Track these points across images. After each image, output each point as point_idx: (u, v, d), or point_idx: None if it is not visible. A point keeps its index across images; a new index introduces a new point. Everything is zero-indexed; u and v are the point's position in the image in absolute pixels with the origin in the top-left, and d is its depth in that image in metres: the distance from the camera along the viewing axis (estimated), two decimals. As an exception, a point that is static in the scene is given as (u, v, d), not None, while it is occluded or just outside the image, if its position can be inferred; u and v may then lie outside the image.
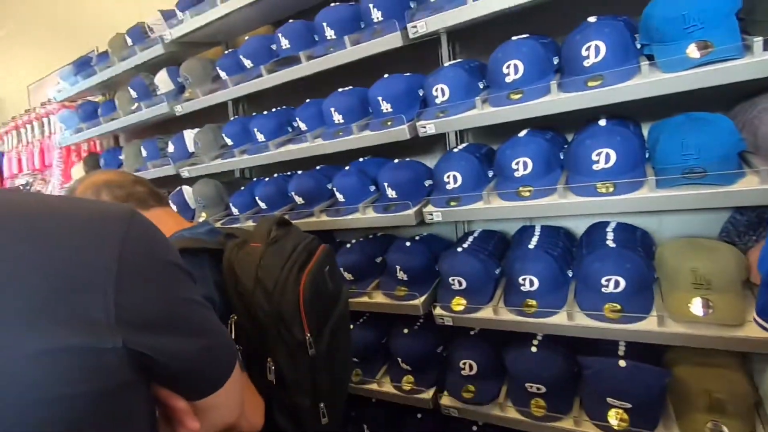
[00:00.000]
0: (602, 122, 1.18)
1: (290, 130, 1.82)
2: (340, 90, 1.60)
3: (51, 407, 0.36)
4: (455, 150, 1.39)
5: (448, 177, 1.34)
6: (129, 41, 2.22)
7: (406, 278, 1.46)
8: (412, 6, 1.45)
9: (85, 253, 0.39)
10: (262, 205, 1.80)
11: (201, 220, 2.00)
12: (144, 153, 2.25)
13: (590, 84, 1.10)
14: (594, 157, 1.13)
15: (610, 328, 1.12)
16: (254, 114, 1.96)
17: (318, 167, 1.82)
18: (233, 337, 0.84)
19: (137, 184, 0.98)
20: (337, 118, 1.56)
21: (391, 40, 1.37)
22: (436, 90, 1.33)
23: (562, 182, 1.18)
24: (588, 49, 1.11)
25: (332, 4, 1.56)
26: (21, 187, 3.18)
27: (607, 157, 1.11)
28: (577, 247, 1.38)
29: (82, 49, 3.05)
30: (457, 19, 1.26)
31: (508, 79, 1.22)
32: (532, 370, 1.27)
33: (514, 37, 1.25)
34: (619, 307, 1.13)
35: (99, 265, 0.39)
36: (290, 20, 1.67)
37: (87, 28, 3.07)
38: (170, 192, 2.24)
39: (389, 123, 1.43)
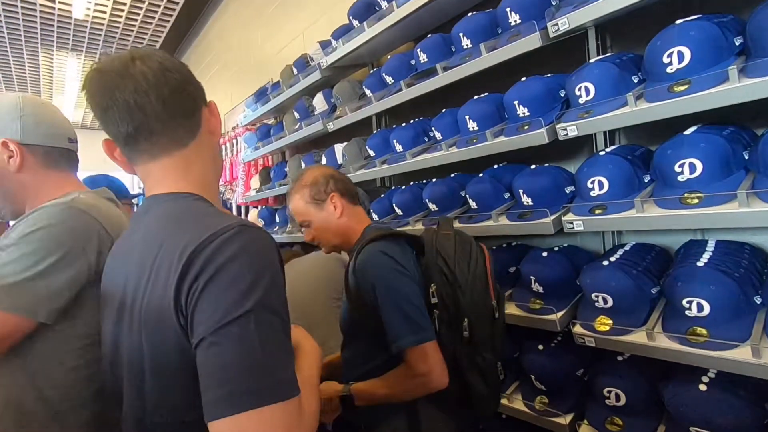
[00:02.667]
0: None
1: (426, 140, 1.89)
2: (475, 97, 1.60)
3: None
4: (601, 153, 1.26)
5: (592, 183, 1.22)
6: (295, 71, 2.60)
7: (541, 290, 1.38)
8: (553, 3, 1.38)
9: (189, 245, 0.58)
10: (399, 211, 1.91)
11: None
12: (303, 165, 2.60)
13: (789, 65, 0.89)
14: (794, 156, 0.90)
15: (820, 374, 0.87)
16: (394, 126, 2.10)
17: (452, 175, 1.85)
18: (434, 301, 1.07)
19: (350, 183, 1.38)
20: (472, 125, 1.57)
21: (529, 42, 1.33)
22: (579, 89, 1.24)
23: (746, 187, 0.97)
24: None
25: (469, 14, 1.58)
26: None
27: (816, 155, 0.87)
28: (770, 269, 1.10)
29: (263, 81, 3.70)
30: (604, 11, 1.15)
31: (669, 69, 1.07)
32: (701, 413, 1.05)
33: (679, 21, 1.09)
34: (835, 348, 0.87)
35: (180, 254, 0.57)
36: (428, 35, 1.75)
37: (267, 64, 3.71)
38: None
39: (526, 127, 1.38)
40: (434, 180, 1.78)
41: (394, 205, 1.91)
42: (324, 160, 2.41)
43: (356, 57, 2.27)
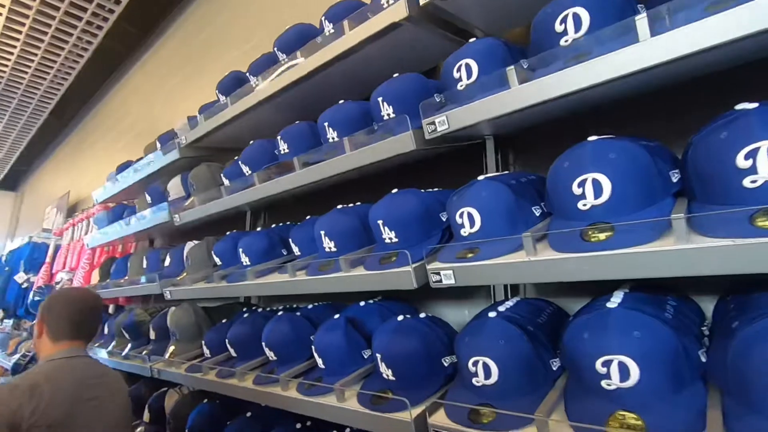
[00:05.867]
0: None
1: (285, 253, 1.40)
2: (339, 207, 1.17)
3: None
4: (492, 314, 0.82)
5: (475, 365, 0.76)
6: (158, 145, 2.11)
7: None
8: (437, 99, 1.04)
9: None
10: (232, 351, 1.33)
11: (167, 356, 1.57)
12: (145, 264, 1.98)
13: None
14: None
15: None
16: (257, 229, 1.61)
17: (310, 306, 1.34)
18: None
19: None
20: (329, 245, 1.11)
21: (400, 143, 0.95)
22: (461, 216, 0.83)
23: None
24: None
25: (340, 101, 1.22)
26: (55, 285, 3.14)
27: None
28: None
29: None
30: (493, 112, 0.80)
31: (582, 205, 0.69)
32: None
33: (592, 137, 0.74)
34: None
35: None
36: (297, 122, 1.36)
37: (154, 135, 3.21)
38: (160, 310, 1.90)
39: (393, 259, 0.94)
40: (280, 314, 1.26)
41: (227, 341, 1.34)
42: (168, 261, 1.82)
43: (233, 138, 1.84)
